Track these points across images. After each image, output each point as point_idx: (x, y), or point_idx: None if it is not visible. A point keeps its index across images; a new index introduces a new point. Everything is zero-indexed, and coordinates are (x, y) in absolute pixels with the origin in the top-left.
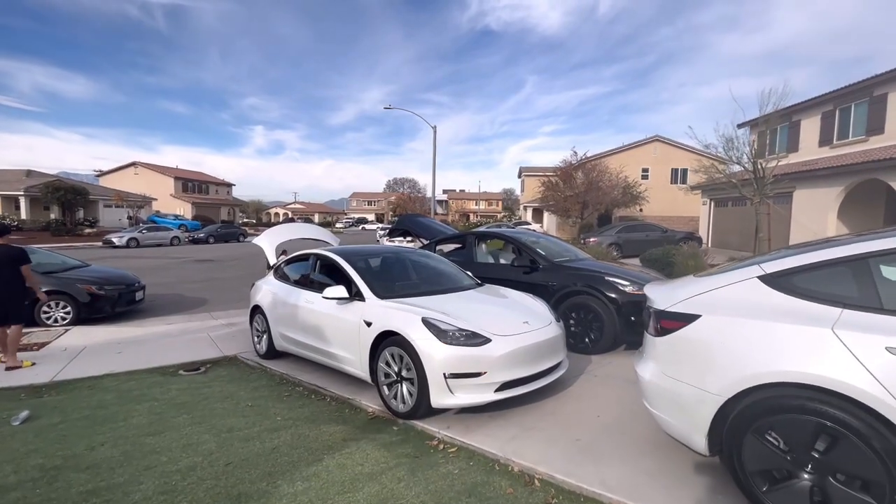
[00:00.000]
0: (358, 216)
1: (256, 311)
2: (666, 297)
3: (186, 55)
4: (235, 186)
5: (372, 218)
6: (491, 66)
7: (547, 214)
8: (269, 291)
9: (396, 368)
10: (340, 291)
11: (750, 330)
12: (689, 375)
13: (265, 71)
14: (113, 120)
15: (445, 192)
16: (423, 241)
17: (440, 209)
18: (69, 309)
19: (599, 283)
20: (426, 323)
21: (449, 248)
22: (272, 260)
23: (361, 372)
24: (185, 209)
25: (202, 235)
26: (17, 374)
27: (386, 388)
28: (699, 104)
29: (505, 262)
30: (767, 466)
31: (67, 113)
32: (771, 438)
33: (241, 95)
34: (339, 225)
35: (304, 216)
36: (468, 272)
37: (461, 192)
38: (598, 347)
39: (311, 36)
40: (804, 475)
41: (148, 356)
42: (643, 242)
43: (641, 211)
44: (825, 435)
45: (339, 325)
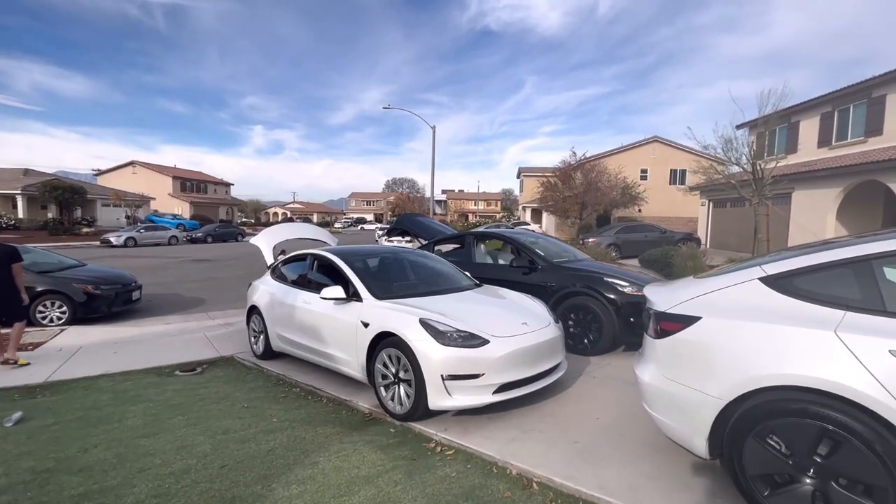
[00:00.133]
0: (357, 216)
1: (253, 311)
2: (666, 298)
3: (186, 54)
4: (234, 186)
5: (371, 218)
6: (490, 66)
7: (546, 215)
8: (266, 291)
9: (394, 370)
10: (337, 292)
11: (751, 332)
12: (689, 378)
13: (264, 70)
14: (111, 119)
15: (444, 192)
16: (421, 241)
17: (439, 209)
18: (65, 309)
19: (598, 283)
20: (424, 324)
21: (447, 248)
22: (269, 260)
23: (358, 373)
24: (183, 209)
25: (200, 235)
26: (11, 374)
27: (383, 389)
28: (698, 105)
29: (504, 262)
30: (769, 470)
31: (66, 112)
32: (772, 442)
33: (240, 95)
34: (337, 225)
35: (302, 216)
36: (466, 273)
37: (460, 192)
38: (597, 349)
39: (310, 35)
40: (806, 479)
41: (144, 356)
42: (642, 243)
43: (640, 211)
44: (827, 439)
45: (336, 325)
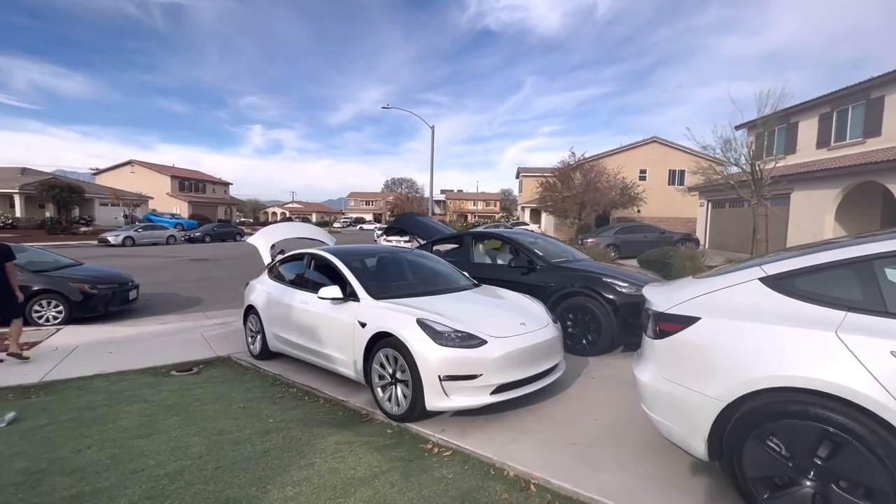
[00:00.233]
0: (356, 216)
1: (250, 311)
2: (665, 298)
3: (185, 54)
4: (233, 185)
5: (370, 218)
6: (490, 66)
7: (545, 215)
8: (263, 291)
9: (391, 370)
10: (335, 291)
11: (751, 333)
12: (688, 379)
13: (263, 70)
14: (110, 118)
15: (443, 192)
16: (419, 240)
17: (438, 209)
18: (61, 308)
19: (597, 284)
20: (421, 324)
21: (446, 248)
22: (266, 259)
23: (355, 373)
24: (181, 208)
25: (198, 234)
26: (5, 374)
27: (380, 390)
28: (697, 106)
29: (502, 262)
30: (769, 473)
31: (64, 111)
32: (772, 444)
33: (239, 94)
34: (336, 225)
35: (301, 216)
36: (465, 273)
37: (459, 192)
38: (595, 349)
39: (309, 35)
40: (806, 482)
41: (140, 356)
42: (641, 243)
43: (639, 212)
44: (828, 441)
45: (333, 325)
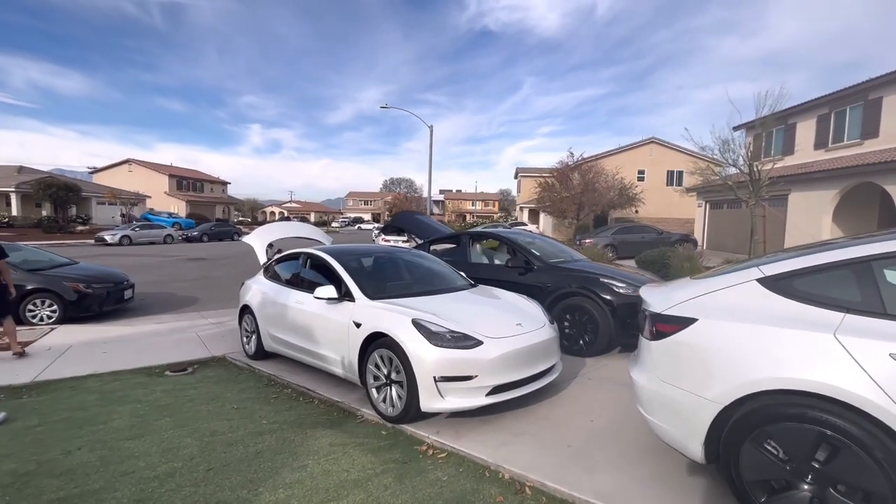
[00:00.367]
0: (354, 216)
1: (246, 310)
2: (662, 299)
3: (183, 53)
4: (231, 185)
5: (368, 217)
6: (489, 66)
7: (543, 215)
8: (258, 291)
9: (386, 371)
10: (330, 291)
11: (748, 334)
12: (685, 381)
13: (262, 69)
14: (108, 117)
15: (442, 192)
16: (417, 239)
17: (437, 209)
18: (55, 307)
19: (594, 284)
20: (416, 324)
21: (443, 247)
22: (262, 259)
23: (350, 374)
24: (179, 207)
25: (196, 234)
26: None
27: (375, 391)
28: (696, 107)
29: (499, 262)
30: (766, 476)
31: (62, 109)
32: (770, 447)
33: (237, 93)
34: (335, 224)
35: (299, 215)
36: (461, 273)
37: (458, 192)
38: (592, 350)
39: (309, 34)
40: (804, 486)
41: (134, 356)
42: (639, 244)
43: (637, 212)
44: (826, 444)
45: (328, 325)
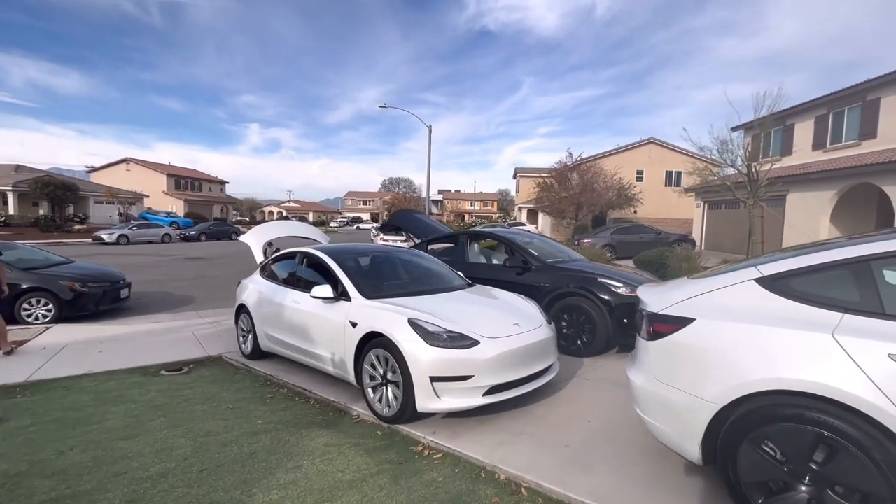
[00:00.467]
0: (353, 215)
1: (242, 310)
2: (659, 299)
3: (182, 51)
4: (229, 184)
5: (367, 217)
6: (488, 66)
7: (542, 215)
8: (254, 290)
9: (382, 371)
10: (326, 291)
11: (746, 335)
12: (682, 381)
13: (261, 68)
14: (107, 116)
15: (441, 192)
16: (415, 239)
17: (435, 209)
18: (51, 306)
19: (592, 284)
20: (412, 324)
21: (441, 247)
22: (259, 258)
23: (346, 374)
24: (177, 206)
25: (194, 233)
26: None
27: (371, 391)
28: (695, 107)
29: (497, 262)
30: (763, 477)
31: (61, 108)
32: (767, 448)
33: (236, 93)
34: (333, 224)
35: (298, 214)
36: (459, 272)
37: (457, 192)
38: (590, 350)
39: (308, 34)
40: (801, 487)
41: (130, 356)
42: (637, 244)
43: (636, 213)
44: (824, 445)
45: (324, 325)
